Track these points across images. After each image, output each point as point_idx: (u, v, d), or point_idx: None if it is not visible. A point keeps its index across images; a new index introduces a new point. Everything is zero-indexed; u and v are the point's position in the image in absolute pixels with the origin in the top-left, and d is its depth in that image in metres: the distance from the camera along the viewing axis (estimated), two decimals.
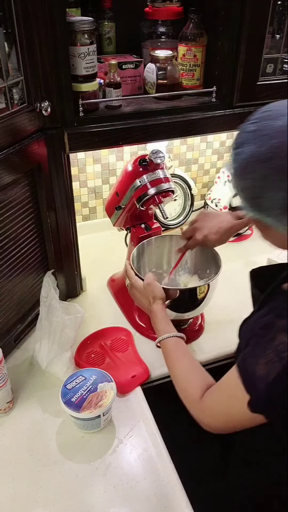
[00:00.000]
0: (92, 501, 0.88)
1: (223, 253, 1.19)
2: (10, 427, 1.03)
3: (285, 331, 0.70)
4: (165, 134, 1.18)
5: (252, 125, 0.68)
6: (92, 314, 1.34)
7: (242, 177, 0.70)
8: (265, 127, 0.66)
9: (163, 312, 1.04)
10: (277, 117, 0.66)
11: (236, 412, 0.76)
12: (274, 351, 0.70)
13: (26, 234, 1.12)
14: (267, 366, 0.71)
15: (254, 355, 0.74)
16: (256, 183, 0.68)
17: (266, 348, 0.72)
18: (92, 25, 1.03)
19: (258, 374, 0.72)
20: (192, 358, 0.95)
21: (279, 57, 1.18)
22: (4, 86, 0.92)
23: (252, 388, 0.73)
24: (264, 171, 0.66)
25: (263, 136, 0.66)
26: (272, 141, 0.64)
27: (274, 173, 0.65)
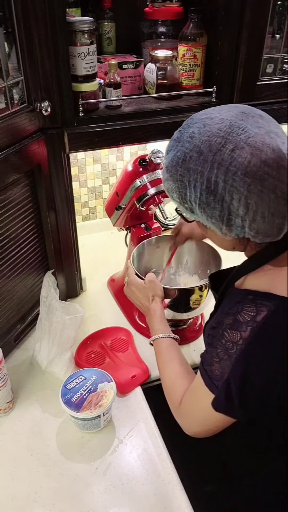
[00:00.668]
0: (92, 501, 0.88)
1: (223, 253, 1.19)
2: (10, 427, 1.03)
3: (231, 328, 0.71)
4: (165, 134, 1.17)
5: (176, 133, 0.76)
6: (92, 314, 1.34)
7: (167, 180, 0.77)
8: (183, 134, 0.74)
9: (161, 311, 1.04)
10: (192, 125, 0.73)
11: (206, 414, 0.77)
12: (223, 349, 0.72)
13: (26, 234, 1.12)
14: (220, 365, 0.73)
15: (209, 356, 0.76)
16: (174, 185, 0.74)
17: (217, 347, 0.74)
18: (92, 25, 1.03)
19: (215, 374, 0.74)
20: (182, 362, 0.95)
21: (279, 57, 1.18)
22: (4, 86, 0.92)
23: (213, 388, 0.75)
24: (179, 173, 0.73)
25: (179, 142, 0.73)
26: (184, 146, 0.72)
27: (186, 174, 0.72)
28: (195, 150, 0.70)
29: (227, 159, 0.67)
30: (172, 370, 0.94)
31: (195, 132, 0.71)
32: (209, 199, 0.70)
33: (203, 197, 0.70)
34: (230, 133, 0.68)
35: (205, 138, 0.69)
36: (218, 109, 0.74)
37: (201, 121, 0.72)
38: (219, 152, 0.67)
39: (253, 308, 0.70)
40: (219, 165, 0.67)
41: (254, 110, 0.72)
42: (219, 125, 0.69)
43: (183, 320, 1.25)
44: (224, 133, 0.68)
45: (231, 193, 0.67)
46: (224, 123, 0.69)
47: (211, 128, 0.70)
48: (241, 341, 0.70)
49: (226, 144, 0.67)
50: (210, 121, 0.71)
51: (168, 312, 1.14)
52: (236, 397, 0.71)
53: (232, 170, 0.66)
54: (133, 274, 1.12)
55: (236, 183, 0.66)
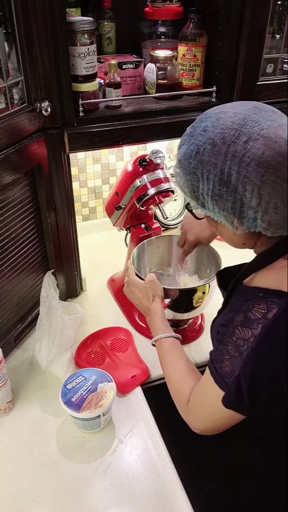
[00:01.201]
0: (92, 501, 0.88)
1: (223, 253, 1.19)
2: (10, 427, 1.03)
3: (242, 325, 0.72)
4: (165, 134, 1.18)
5: (189, 128, 0.77)
6: (92, 314, 1.34)
7: (178, 174, 0.77)
8: (196, 129, 0.75)
9: (162, 311, 1.04)
10: (205, 119, 0.75)
11: (215, 411, 0.78)
12: (234, 346, 0.73)
13: (26, 234, 1.12)
14: (230, 362, 0.74)
15: (219, 353, 0.76)
16: (188, 177, 0.75)
17: (227, 344, 0.74)
18: (92, 25, 1.03)
19: (225, 371, 0.75)
20: (186, 360, 0.95)
21: (279, 57, 1.18)
22: (4, 86, 0.92)
23: (223, 385, 0.75)
24: (192, 166, 0.74)
25: (193, 136, 0.75)
26: (198, 139, 0.73)
27: (199, 166, 0.73)
28: (209, 142, 0.71)
29: (240, 150, 0.68)
30: (177, 369, 0.94)
31: (209, 125, 0.72)
32: (222, 191, 0.71)
33: (216, 189, 0.71)
34: (244, 125, 0.69)
35: (219, 131, 0.70)
36: (230, 104, 0.75)
37: (215, 115, 0.73)
38: (232, 144, 0.68)
39: (263, 305, 0.71)
40: (233, 156, 0.68)
41: (266, 106, 0.73)
42: (233, 118, 0.70)
43: (183, 320, 1.25)
44: (237, 125, 0.69)
45: (244, 184, 0.68)
46: (238, 117, 0.70)
47: (225, 121, 0.71)
48: (252, 338, 0.70)
49: (240, 136, 0.68)
50: (224, 114, 0.72)
51: (168, 312, 1.14)
52: (246, 394, 0.72)
53: (245, 161, 0.67)
54: (133, 274, 1.12)
55: (249, 173, 0.67)
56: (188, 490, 0.90)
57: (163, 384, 1.14)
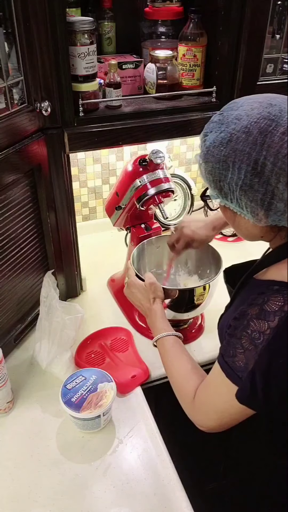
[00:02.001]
0: (92, 501, 0.88)
1: (223, 253, 1.19)
2: (10, 427, 1.03)
3: (258, 318, 0.71)
4: (165, 134, 1.18)
5: (218, 116, 0.76)
6: (92, 314, 1.34)
7: (206, 161, 0.76)
8: (227, 116, 0.74)
9: (162, 311, 1.04)
10: (237, 108, 0.74)
11: (225, 407, 0.77)
12: (249, 339, 0.72)
13: (26, 234, 1.12)
14: (244, 356, 0.73)
15: (231, 347, 0.75)
16: (216, 166, 0.74)
17: (241, 337, 0.73)
18: (92, 25, 1.03)
19: (238, 365, 0.74)
20: (189, 358, 0.95)
21: (279, 57, 1.18)
22: (4, 86, 0.92)
23: (237, 379, 0.74)
24: (223, 154, 0.72)
25: (223, 124, 0.73)
26: (230, 127, 0.72)
27: (231, 155, 0.71)
28: (243, 131, 0.70)
29: (278, 141, 0.67)
30: (181, 367, 0.93)
31: (242, 114, 0.71)
32: (253, 182, 0.70)
33: (247, 179, 0.70)
34: (281, 117, 0.68)
35: (254, 120, 0.69)
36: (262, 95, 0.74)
37: (248, 104, 0.72)
38: (269, 134, 0.68)
39: (280, 298, 0.70)
40: (269, 147, 0.68)
41: None
42: (269, 109, 0.70)
43: (183, 320, 1.25)
44: (274, 116, 0.69)
45: (278, 176, 0.68)
46: (274, 108, 0.70)
47: (260, 111, 0.70)
48: (268, 331, 0.70)
49: (277, 127, 0.68)
50: (258, 104, 0.71)
51: (169, 313, 1.14)
52: (260, 388, 0.71)
53: (282, 152, 0.67)
54: (133, 275, 1.12)
55: (285, 165, 0.67)
56: (188, 490, 0.90)
57: (163, 384, 1.14)
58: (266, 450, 0.90)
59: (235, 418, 0.79)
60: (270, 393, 0.71)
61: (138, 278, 1.11)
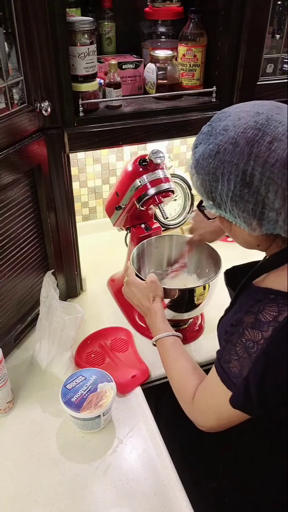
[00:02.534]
0: (92, 501, 0.88)
1: (223, 253, 1.19)
2: (10, 427, 1.03)
3: (252, 327, 0.71)
4: (165, 134, 1.18)
5: (207, 127, 0.76)
6: (92, 314, 1.34)
7: (196, 173, 0.76)
8: (215, 127, 0.73)
9: (162, 311, 1.04)
10: (225, 118, 0.73)
11: (223, 409, 0.78)
12: (243, 347, 0.73)
13: (26, 234, 1.12)
14: (239, 363, 0.73)
15: (226, 353, 0.76)
16: (207, 178, 0.74)
17: (236, 345, 0.74)
18: (92, 25, 1.03)
19: (233, 372, 0.74)
20: (188, 358, 0.95)
21: (279, 57, 1.18)
22: (4, 86, 0.92)
23: (231, 385, 0.75)
24: (212, 166, 0.72)
25: (212, 135, 0.73)
26: (218, 139, 0.72)
27: (220, 166, 0.71)
28: (230, 142, 0.70)
29: (265, 151, 0.67)
30: (181, 367, 0.94)
31: (229, 124, 0.71)
32: (243, 192, 0.69)
33: (236, 190, 0.70)
34: (267, 125, 0.68)
35: (241, 130, 0.69)
36: (250, 103, 0.74)
37: (235, 114, 0.72)
38: (256, 144, 0.67)
39: (275, 307, 0.70)
40: (256, 157, 0.67)
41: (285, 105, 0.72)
42: (256, 118, 0.69)
43: (183, 320, 1.25)
44: (261, 125, 0.68)
45: (268, 186, 0.67)
46: (261, 116, 0.69)
47: (247, 121, 0.70)
48: (262, 341, 0.70)
49: (264, 136, 0.67)
50: (245, 114, 0.71)
51: (168, 312, 1.14)
52: (254, 395, 0.71)
53: (270, 162, 0.66)
54: (133, 274, 1.12)
55: (273, 175, 0.66)
56: (188, 490, 0.90)
57: (163, 384, 1.14)
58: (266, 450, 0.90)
59: (233, 420, 0.79)
60: (266, 399, 0.71)
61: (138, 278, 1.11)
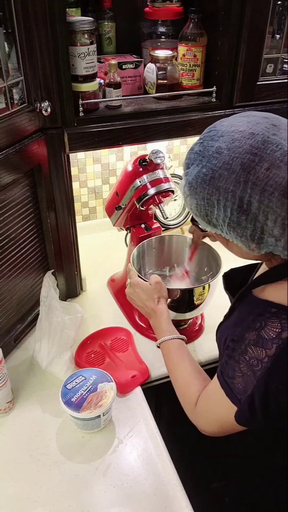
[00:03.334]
0: (92, 501, 0.88)
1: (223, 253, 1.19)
2: (10, 427, 1.03)
3: (255, 345, 0.70)
4: (165, 134, 1.18)
5: (198, 146, 0.72)
6: (92, 314, 1.34)
7: (191, 196, 0.73)
8: (207, 148, 0.69)
9: (167, 312, 1.03)
10: (217, 138, 0.69)
11: (226, 419, 0.77)
12: (247, 365, 0.71)
13: (26, 234, 1.12)
14: (243, 380, 0.72)
15: (230, 368, 0.75)
16: (202, 202, 0.71)
17: (239, 362, 0.73)
18: (92, 25, 1.03)
19: (237, 387, 0.73)
20: (192, 361, 0.95)
21: (279, 57, 1.18)
22: (4, 86, 0.92)
23: (236, 401, 0.74)
24: (206, 192, 0.69)
25: (204, 157, 0.69)
26: (211, 163, 0.68)
27: (215, 193, 0.68)
28: (225, 167, 0.66)
29: (262, 178, 0.64)
30: (184, 371, 0.93)
31: (223, 147, 0.67)
32: (240, 219, 0.67)
33: (233, 216, 0.67)
34: (264, 149, 0.64)
35: (236, 155, 0.65)
36: (244, 120, 0.69)
37: (228, 135, 0.68)
38: (253, 171, 0.64)
39: (277, 324, 0.68)
40: (254, 184, 0.64)
41: (281, 120, 0.69)
42: (251, 141, 0.65)
43: (184, 320, 1.24)
44: (257, 150, 0.64)
45: (266, 214, 0.65)
46: (256, 139, 0.65)
47: (242, 144, 0.66)
48: (266, 359, 0.68)
49: (261, 162, 0.64)
50: (239, 135, 0.67)
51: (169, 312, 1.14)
52: (260, 411, 0.71)
53: (268, 190, 0.64)
54: (136, 276, 1.11)
55: (272, 203, 0.64)
56: (188, 490, 0.90)
57: (163, 384, 1.14)
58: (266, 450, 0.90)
59: (236, 429, 0.78)
60: (270, 415, 0.71)
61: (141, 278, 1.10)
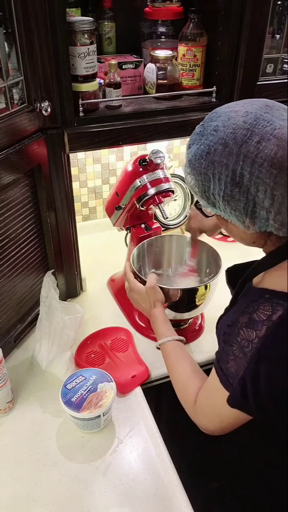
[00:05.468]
0: (92, 501, 0.88)
1: (223, 253, 1.19)
2: (10, 427, 1.03)
3: (247, 327, 0.72)
4: (165, 134, 1.18)
5: (199, 127, 0.77)
6: (92, 314, 1.34)
7: (189, 174, 0.77)
8: (206, 128, 0.74)
9: (163, 315, 1.05)
10: (215, 118, 0.74)
11: (223, 411, 0.78)
12: (239, 347, 0.73)
13: (26, 234, 1.12)
14: (235, 363, 0.74)
15: (225, 353, 0.76)
16: (199, 178, 0.75)
17: (233, 344, 0.74)
18: (92, 25, 1.03)
19: (230, 371, 0.75)
20: (191, 362, 0.95)
21: (279, 57, 1.18)
22: (4, 86, 0.92)
23: (228, 385, 0.75)
24: (203, 166, 0.73)
25: (203, 136, 0.74)
26: (208, 139, 0.72)
27: (211, 167, 0.72)
28: (220, 142, 0.70)
29: (253, 151, 0.67)
30: (183, 371, 0.94)
31: (219, 125, 0.72)
32: (233, 192, 0.70)
33: (227, 189, 0.71)
34: (256, 125, 0.68)
35: (230, 131, 0.70)
36: (241, 103, 0.74)
37: (225, 114, 0.72)
38: (244, 144, 0.68)
39: (269, 307, 0.71)
40: (245, 157, 0.68)
41: (278, 104, 0.73)
42: (244, 118, 0.70)
43: (184, 320, 1.24)
44: (249, 125, 0.69)
45: (257, 185, 0.68)
46: (249, 116, 0.69)
47: (236, 121, 0.70)
48: (256, 340, 0.70)
49: (252, 136, 0.68)
50: (235, 114, 0.71)
51: (169, 312, 1.14)
52: (251, 394, 0.72)
53: (258, 161, 0.67)
54: (132, 279, 1.12)
55: (262, 174, 0.67)
56: (188, 490, 0.90)
57: (163, 384, 1.14)
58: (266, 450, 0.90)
59: (234, 422, 0.79)
60: (262, 399, 0.71)
61: (138, 279, 1.11)
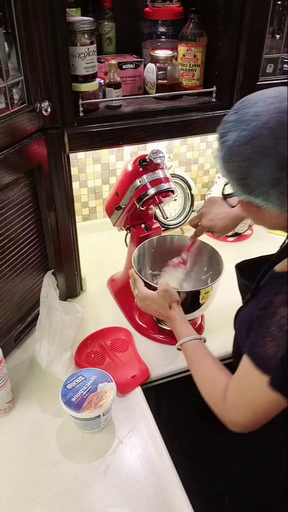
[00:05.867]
0: (92, 501, 0.88)
1: (223, 253, 1.19)
2: (10, 427, 1.03)
3: (284, 305, 0.72)
4: (165, 134, 1.18)
5: (233, 115, 0.76)
6: (92, 314, 1.33)
7: (230, 161, 0.76)
8: (244, 115, 0.74)
9: (182, 315, 1.03)
10: (252, 105, 0.74)
11: (259, 399, 0.76)
12: (277, 326, 0.72)
13: (26, 234, 1.12)
14: (273, 343, 0.72)
15: (260, 336, 0.75)
16: (242, 164, 0.74)
17: (269, 325, 0.73)
18: (92, 25, 1.03)
19: (269, 353, 0.73)
20: (213, 359, 0.93)
21: (279, 57, 1.18)
22: (4, 86, 0.92)
23: (268, 368, 0.73)
24: (248, 152, 0.72)
25: (242, 122, 0.73)
26: (251, 125, 0.72)
27: (257, 151, 0.71)
28: (265, 127, 0.70)
29: None
30: (207, 368, 0.92)
31: (260, 110, 0.72)
32: (281, 175, 0.70)
33: (275, 173, 0.71)
34: None
35: (275, 115, 0.70)
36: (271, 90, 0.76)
37: (263, 101, 0.73)
38: None
39: None
40: None
41: None
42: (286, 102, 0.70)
43: None
44: None
45: None
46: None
47: (278, 105, 0.71)
48: None
49: None
50: (274, 99, 0.72)
51: None
52: None
53: None
54: (142, 287, 1.09)
55: None
56: (188, 490, 0.90)
57: (163, 384, 1.14)
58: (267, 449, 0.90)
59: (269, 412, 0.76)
60: None
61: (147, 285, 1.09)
